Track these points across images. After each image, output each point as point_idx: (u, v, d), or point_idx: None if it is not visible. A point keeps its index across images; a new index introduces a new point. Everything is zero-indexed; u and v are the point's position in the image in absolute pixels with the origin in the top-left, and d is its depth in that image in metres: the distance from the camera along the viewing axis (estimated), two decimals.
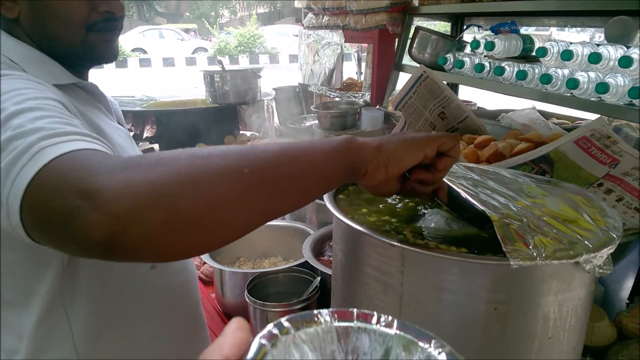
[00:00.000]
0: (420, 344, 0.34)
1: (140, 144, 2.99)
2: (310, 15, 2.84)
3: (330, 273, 1.20)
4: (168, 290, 0.98)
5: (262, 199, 0.58)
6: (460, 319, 0.66)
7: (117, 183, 0.51)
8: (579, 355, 0.76)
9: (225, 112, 2.87)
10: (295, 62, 3.02)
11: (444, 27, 2.72)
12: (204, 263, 1.63)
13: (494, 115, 1.87)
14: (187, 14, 27.20)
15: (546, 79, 1.66)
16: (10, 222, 0.58)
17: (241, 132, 2.99)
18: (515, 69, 1.77)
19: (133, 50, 18.78)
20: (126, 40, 18.52)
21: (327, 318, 0.36)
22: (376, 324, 0.36)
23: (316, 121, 2.52)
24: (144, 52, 19.05)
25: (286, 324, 0.34)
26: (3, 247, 0.77)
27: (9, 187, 0.57)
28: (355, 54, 3.21)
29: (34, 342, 0.85)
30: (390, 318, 0.36)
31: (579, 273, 0.65)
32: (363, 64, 3.10)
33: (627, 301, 1.31)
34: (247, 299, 1.21)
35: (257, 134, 3.02)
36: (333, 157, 0.62)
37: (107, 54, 0.93)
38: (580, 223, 0.70)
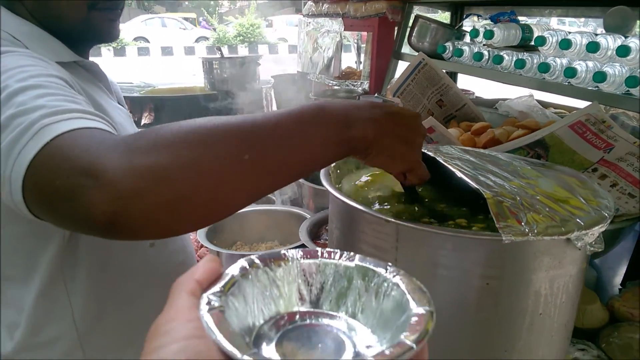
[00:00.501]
0: (377, 270, 0.38)
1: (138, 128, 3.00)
2: (310, 2, 2.83)
3: None
4: (167, 269, 0.99)
5: (260, 180, 0.59)
6: (454, 293, 0.67)
7: (120, 164, 0.52)
8: (570, 332, 0.77)
9: (223, 98, 2.87)
10: (295, 53, 3.02)
11: (444, 17, 2.72)
12: (202, 246, 1.64)
13: (492, 103, 1.88)
14: (187, 3, 27.03)
15: (544, 67, 1.66)
16: (13, 199, 0.58)
17: None
18: (514, 58, 1.77)
19: (135, 39, 18.70)
20: (128, 29, 18.45)
21: (294, 256, 0.39)
22: (339, 259, 0.39)
23: None
24: (146, 40, 18.97)
25: (256, 260, 0.37)
26: (4, 222, 0.78)
27: (11, 164, 0.57)
28: (355, 43, 3.21)
29: (34, 317, 0.86)
30: (352, 254, 0.39)
31: (571, 250, 0.66)
32: (362, 53, 3.10)
33: (620, 286, 1.33)
34: None
35: None
36: (331, 145, 0.63)
37: (109, 32, 0.93)
38: (572, 202, 0.71)
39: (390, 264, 0.38)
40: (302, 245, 1.33)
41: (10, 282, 0.86)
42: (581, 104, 1.85)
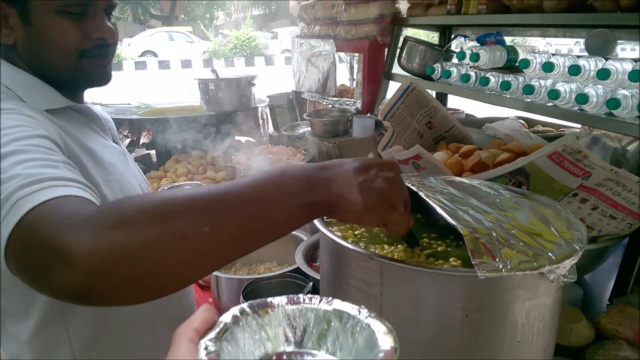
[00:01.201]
0: (352, 313, 0.43)
1: (137, 149, 3.04)
2: (302, 24, 2.90)
3: (317, 277, 1.26)
4: (164, 299, 1.03)
5: (223, 251, 0.62)
6: (436, 324, 0.72)
7: (86, 243, 0.55)
8: (550, 355, 0.81)
9: (220, 119, 2.92)
10: (290, 64, 3.08)
11: (431, 36, 2.78)
12: None
13: (480, 123, 1.93)
14: (182, 16, 27.22)
15: (529, 89, 1.72)
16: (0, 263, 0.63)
17: (236, 137, 3.05)
18: (500, 80, 1.83)
19: (143, 52, 18.89)
20: (136, 43, 18.64)
21: (280, 303, 0.44)
22: (319, 304, 0.44)
23: (309, 128, 2.58)
24: (155, 54, 19.19)
25: (246, 308, 0.43)
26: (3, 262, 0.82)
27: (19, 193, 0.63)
28: (348, 63, 3.28)
29: (34, 350, 0.90)
30: (330, 298, 0.45)
31: (544, 282, 0.71)
32: (355, 71, 3.16)
33: (608, 302, 1.37)
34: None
35: (251, 139, 3.07)
36: (294, 211, 0.64)
37: (100, 78, 0.97)
38: (546, 236, 0.76)
39: (363, 306, 0.44)
40: (299, 268, 1.38)
41: (11, 317, 0.90)
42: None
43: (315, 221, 0.84)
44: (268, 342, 0.43)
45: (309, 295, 0.45)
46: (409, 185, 0.88)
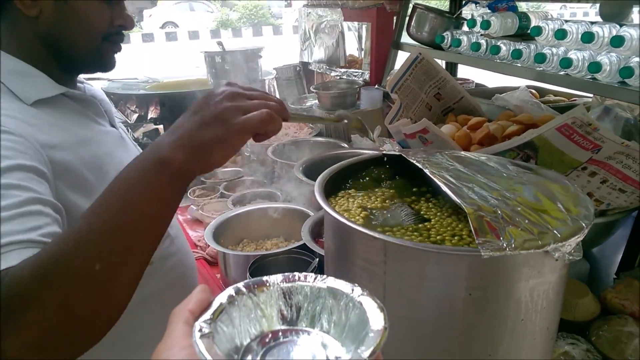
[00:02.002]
0: (345, 291, 0.43)
1: (145, 124, 3.04)
2: None
3: (320, 253, 1.26)
4: (167, 281, 1.04)
5: (125, 274, 0.64)
6: (440, 304, 0.72)
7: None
8: (554, 333, 0.81)
9: None
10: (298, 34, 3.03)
11: (442, 3, 2.71)
12: (209, 245, 1.70)
13: (490, 94, 1.89)
14: None
15: (540, 57, 1.67)
16: None
17: None
18: (511, 48, 1.78)
19: (164, 24, 18.82)
20: (157, 14, 18.57)
21: (275, 281, 0.45)
22: (313, 282, 0.45)
23: (316, 101, 2.55)
24: (175, 25, 19.13)
25: (241, 287, 0.44)
26: None
27: None
28: (356, 31, 3.21)
29: None
30: (324, 276, 0.45)
31: (549, 260, 0.70)
32: (363, 41, 3.10)
33: (615, 276, 1.36)
34: None
35: None
36: (165, 193, 0.65)
37: (110, 63, 1.00)
38: (552, 212, 0.75)
39: (356, 284, 0.44)
40: (305, 245, 1.38)
41: None
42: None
43: (319, 199, 0.84)
44: (263, 320, 0.43)
45: (304, 274, 0.46)
46: (414, 161, 0.87)
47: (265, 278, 0.45)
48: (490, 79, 2.28)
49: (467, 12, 2.32)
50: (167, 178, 0.64)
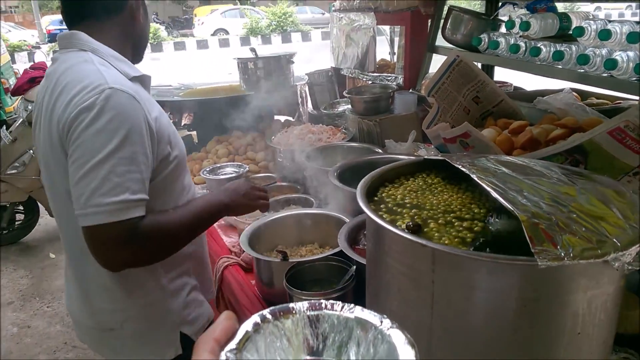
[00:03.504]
0: (373, 323, 0.42)
1: (179, 131, 3.07)
2: None
3: (360, 260, 1.24)
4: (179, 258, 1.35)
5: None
6: (491, 315, 0.69)
7: (121, 259, 1.14)
8: (610, 347, 0.77)
9: (259, 98, 2.90)
10: (327, 40, 3.02)
11: (475, 5, 2.65)
12: (243, 251, 1.70)
13: (530, 97, 1.84)
14: None
15: (583, 59, 1.62)
16: (78, 220, 1.10)
17: (275, 117, 3.03)
18: (552, 50, 1.73)
19: (215, 31, 19.33)
20: (208, 21, 19.09)
21: (301, 309, 0.44)
22: (340, 311, 0.44)
23: (349, 106, 2.53)
24: (226, 32, 19.67)
25: (267, 314, 0.43)
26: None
27: (80, 212, 1.09)
28: (388, 35, 3.19)
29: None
30: (352, 305, 0.44)
31: (608, 270, 0.66)
32: (396, 45, 3.07)
33: None
34: (286, 288, 1.26)
35: (291, 118, 3.05)
36: (221, 215, 1.38)
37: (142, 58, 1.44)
38: (609, 219, 0.71)
39: (385, 316, 0.42)
40: (341, 252, 1.36)
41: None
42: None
43: (362, 204, 0.82)
44: (290, 349, 0.42)
45: (331, 302, 0.45)
46: (460, 167, 0.84)
47: (291, 305, 0.44)
48: (528, 82, 2.22)
49: (504, 13, 2.27)
50: (218, 213, 1.36)
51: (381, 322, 0.42)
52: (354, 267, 1.28)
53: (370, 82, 2.73)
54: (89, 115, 1.07)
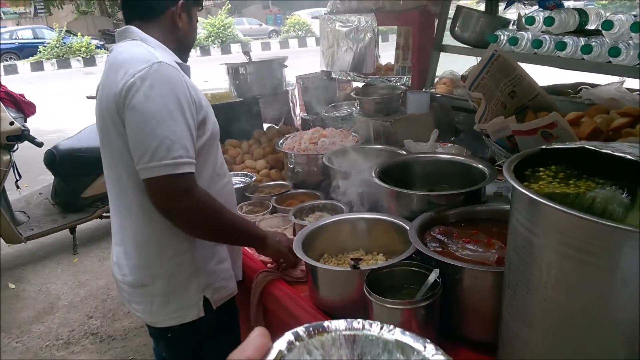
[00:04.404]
0: (416, 347, 0.39)
1: None
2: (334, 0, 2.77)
3: (452, 263, 1.16)
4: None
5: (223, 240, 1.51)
6: None
7: (182, 208, 1.31)
8: None
9: (248, 105, 2.78)
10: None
11: (475, 6, 2.68)
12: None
13: (558, 91, 1.85)
14: None
15: (615, 51, 1.64)
16: (140, 174, 1.29)
17: (265, 125, 2.90)
18: (580, 43, 1.75)
19: None
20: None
21: (337, 327, 0.41)
22: (379, 332, 0.41)
23: (353, 108, 2.47)
24: None
25: (301, 332, 0.40)
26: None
27: (142, 166, 1.27)
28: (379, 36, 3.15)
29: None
30: (392, 327, 0.41)
31: None
32: (382, 46, 3.04)
33: None
34: (367, 295, 1.17)
35: (275, 126, 2.93)
36: (254, 243, 1.55)
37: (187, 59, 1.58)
38: None
39: (428, 340, 0.40)
40: (409, 258, 1.29)
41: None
42: None
43: (510, 179, 0.76)
44: None
45: (368, 321, 0.42)
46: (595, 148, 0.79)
47: (326, 323, 0.41)
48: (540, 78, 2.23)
49: (508, 13, 2.29)
50: (254, 240, 1.53)
51: (424, 347, 0.39)
52: (438, 270, 1.20)
53: (364, 84, 2.68)
54: (144, 83, 1.24)
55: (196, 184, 1.30)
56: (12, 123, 3.41)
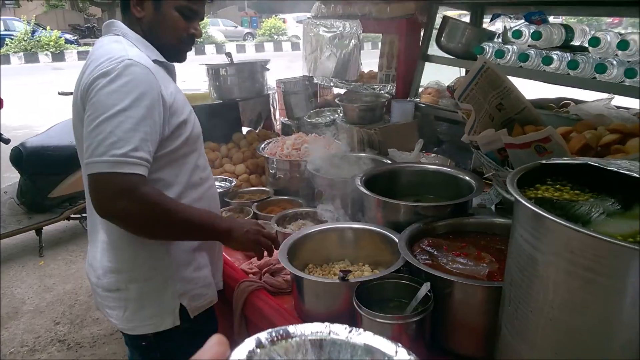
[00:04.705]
0: (386, 352, 0.37)
1: None
2: (317, 3, 2.74)
3: (444, 277, 1.14)
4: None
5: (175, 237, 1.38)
6: None
7: (119, 209, 1.20)
8: None
9: (227, 108, 2.72)
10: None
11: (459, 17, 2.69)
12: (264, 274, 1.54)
13: (542, 105, 1.86)
14: None
15: (601, 68, 1.66)
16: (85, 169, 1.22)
17: (244, 128, 2.85)
18: (567, 58, 1.76)
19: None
20: None
21: (302, 332, 0.39)
22: (347, 336, 0.39)
23: (336, 115, 2.44)
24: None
25: (264, 339, 0.38)
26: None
27: (86, 161, 1.19)
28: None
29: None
30: (360, 330, 0.39)
31: None
32: (363, 52, 3.03)
33: None
34: (357, 308, 1.13)
35: (254, 129, 2.89)
36: (218, 237, 1.41)
37: (181, 58, 1.47)
38: None
39: (400, 344, 0.38)
40: (398, 270, 1.26)
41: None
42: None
43: (514, 193, 0.73)
44: None
45: (336, 325, 0.40)
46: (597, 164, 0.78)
47: (291, 328, 0.39)
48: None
49: (491, 26, 2.30)
50: (215, 234, 1.38)
51: (396, 352, 0.37)
52: (429, 284, 1.18)
53: (345, 91, 2.65)
54: (106, 78, 1.20)
55: (140, 185, 1.19)
56: None
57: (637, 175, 0.75)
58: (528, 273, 0.79)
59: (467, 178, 1.64)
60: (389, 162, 1.92)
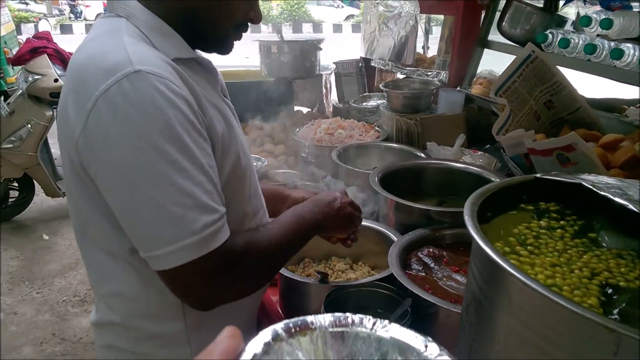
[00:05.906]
0: (415, 347, 0.35)
1: None
2: None
3: (423, 296, 1.00)
4: None
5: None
6: None
7: (219, 295, 0.88)
8: None
9: (280, 86, 2.65)
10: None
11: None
12: None
13: (606, 106, 1.59)
14: None
15: None
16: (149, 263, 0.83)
17: (295, 108, 2.78)
18: (638, 53, 1.48)
19: None
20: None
21: (322, 324, 0.36)
22: (372, 328, 0.36)
23: (383, 101, 2.28)
24: None
25: (280, 330, 0.35)
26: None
27: (148, 254, 0.81)
28: (423, 25, 2.93)
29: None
30: (385, 322, 0.37)
31: None
32: (431, 37, 2.83)
33: None
34: None
35: (311, 110, 2.80)
36: (314, 231, 1.07)
37: (230, 48, 0.99)
38: None
39: (429, 338, 0.35)
40: (390, 276, 1.12)
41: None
42: None
43: (475, 235, 0.58)
44: None
45: (359, 316, 0.37)
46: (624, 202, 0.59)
47: (310, 319, 0.36)
48: (587, 89, 1.95)
49: (566, 11, 2.01)
50: (315, 230, 1.08)
51: (426, 346, 0.35)
52: (410, 300, 1.03)
53: (404, 76, 2.47)
54: (109, 117, 0.76)
55: (236, 248, 0.87)
56: (56, 80, 3.47)
57: (633, 208, 0.57)
58: (471, 316, 0.64)
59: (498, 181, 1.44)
60: (422, 156, 1.75)
